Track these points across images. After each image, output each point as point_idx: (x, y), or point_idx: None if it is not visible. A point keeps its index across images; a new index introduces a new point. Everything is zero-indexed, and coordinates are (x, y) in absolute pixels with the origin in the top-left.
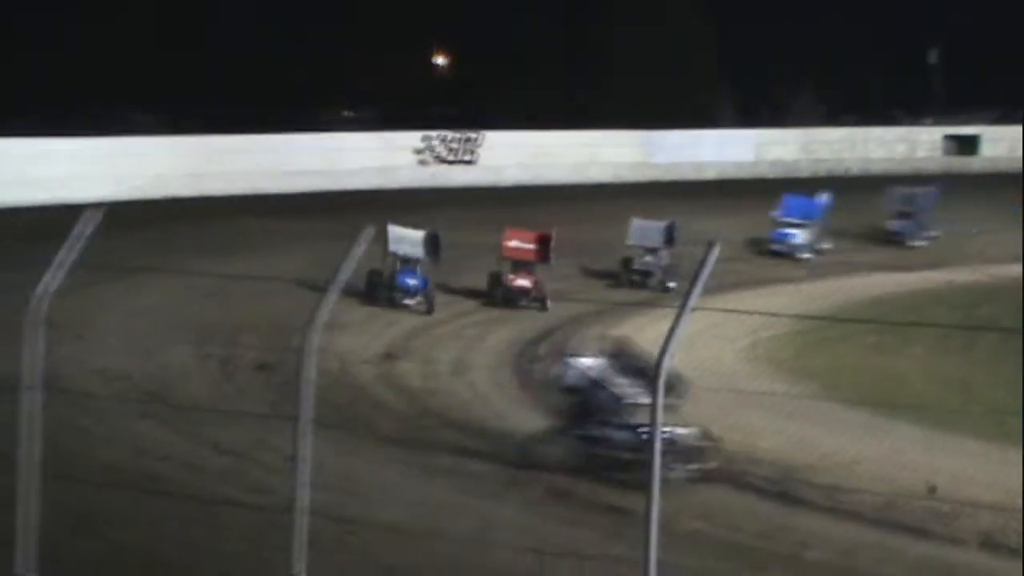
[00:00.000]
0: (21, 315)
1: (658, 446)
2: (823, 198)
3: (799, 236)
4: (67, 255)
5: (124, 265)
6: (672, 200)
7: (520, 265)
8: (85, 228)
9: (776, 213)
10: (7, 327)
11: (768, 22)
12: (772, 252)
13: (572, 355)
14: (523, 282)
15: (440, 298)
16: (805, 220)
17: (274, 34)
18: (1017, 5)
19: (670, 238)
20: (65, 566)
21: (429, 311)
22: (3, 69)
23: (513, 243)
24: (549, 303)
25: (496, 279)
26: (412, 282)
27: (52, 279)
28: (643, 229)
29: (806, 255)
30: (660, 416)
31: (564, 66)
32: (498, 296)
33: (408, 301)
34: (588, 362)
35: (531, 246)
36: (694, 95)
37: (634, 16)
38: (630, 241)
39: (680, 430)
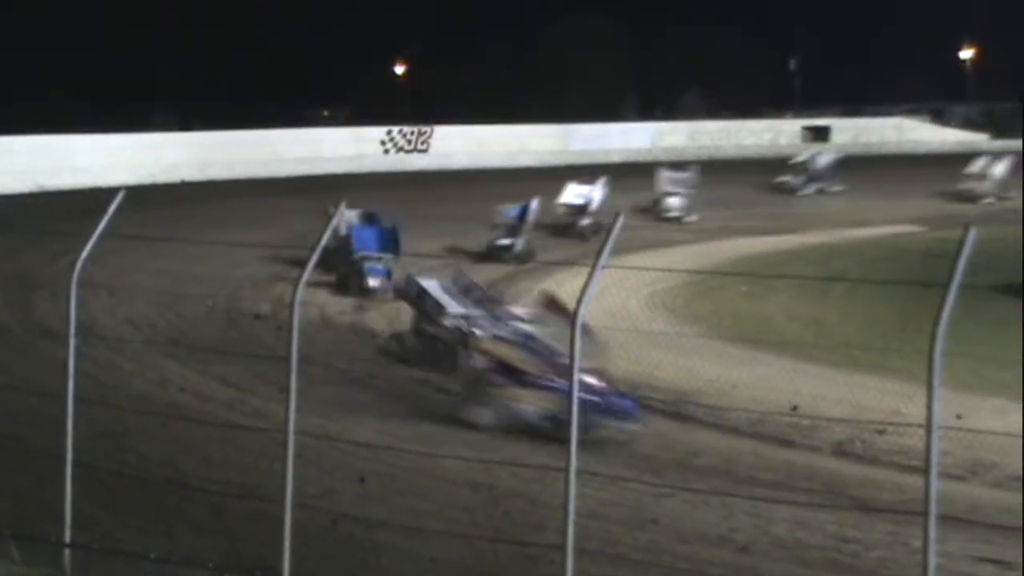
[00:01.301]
0: (66, 276)
1: (576, 380)
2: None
3: (676, 202)
4: (97, 228)
5: (145, 236)
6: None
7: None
8: (111, 206)
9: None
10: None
11: (662, 37)
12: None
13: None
14: None
15: None
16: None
17: (266, 48)
18: (857, 25)
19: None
20: (100, 474)
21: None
22: (45, 79)
23: None
24: None
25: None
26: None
27: (86, 248)
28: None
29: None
30: (578, 357)
31: (501, 73)
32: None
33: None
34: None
35: None
36: (603, 96)
37: (557, 34)
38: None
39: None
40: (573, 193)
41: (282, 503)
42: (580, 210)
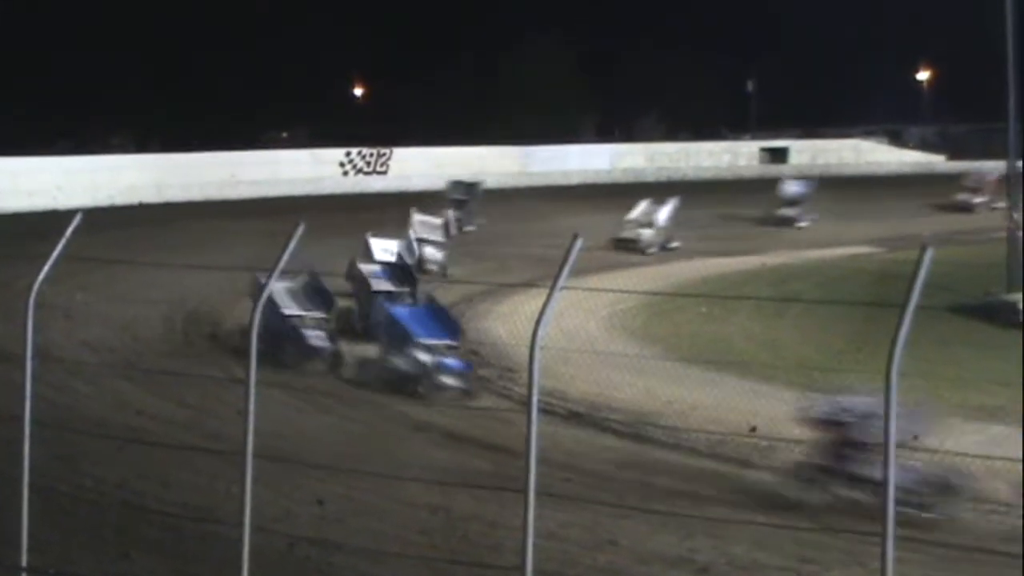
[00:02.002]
0: (21, 299)
1: (535, 405)
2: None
3: (646, 234)
4: (55, 251)
5: (102, 258)
6: (544, 201)
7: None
8: (69, 229)
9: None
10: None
11: (619, 59)
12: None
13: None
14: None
15: None
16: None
17: (223, 69)
18: (815, 47)
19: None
20: (57, 497)
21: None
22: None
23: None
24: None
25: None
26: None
27: (44, 270)
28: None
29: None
30: (536, 376)
31: (460, 95)
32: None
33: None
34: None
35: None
36: (562, 118)
37: (516, 56)
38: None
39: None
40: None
41: (240, 526)
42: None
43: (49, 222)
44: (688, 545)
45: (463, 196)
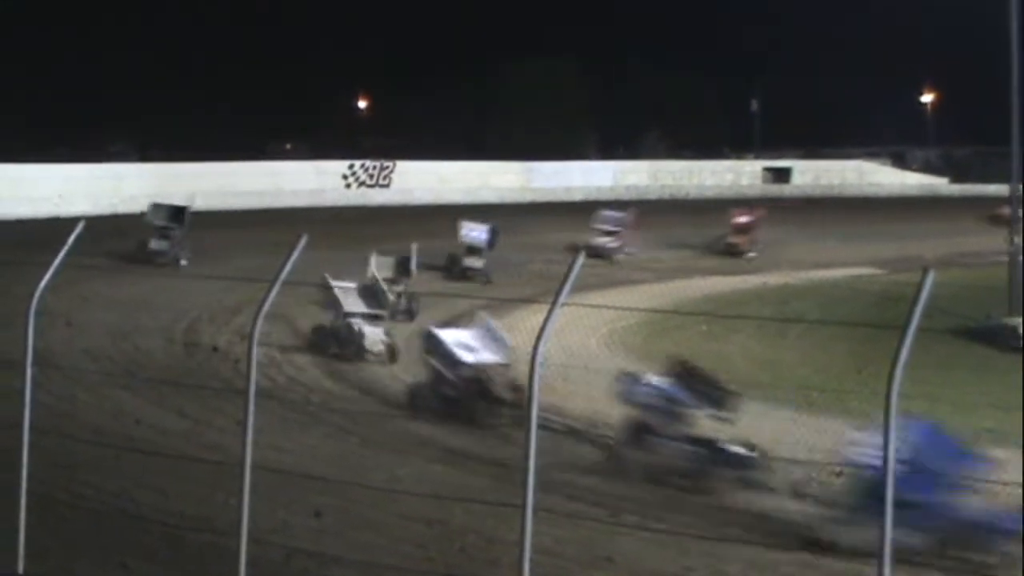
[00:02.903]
0: (22, 307)
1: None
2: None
3: (610, 241)
4: (56, 259)
5: (103, 267)
6: (546, 216)
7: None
8: (71, 237)
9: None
10: (13, 317)
11: (624, 77)
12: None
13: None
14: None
15: None
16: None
17: (228, 80)
18: (819, 68)
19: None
20: (55, 505)
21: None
22: (2, 108)
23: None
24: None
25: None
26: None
27: (45, 278)
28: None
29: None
30: (536, 392)
31: (462, 110)
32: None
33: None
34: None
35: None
36: (565, 134)
37: (520, 72)
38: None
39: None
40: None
41: (237, 537)
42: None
43: (51, 230)
44: (683, 563)
45: (167, 223)
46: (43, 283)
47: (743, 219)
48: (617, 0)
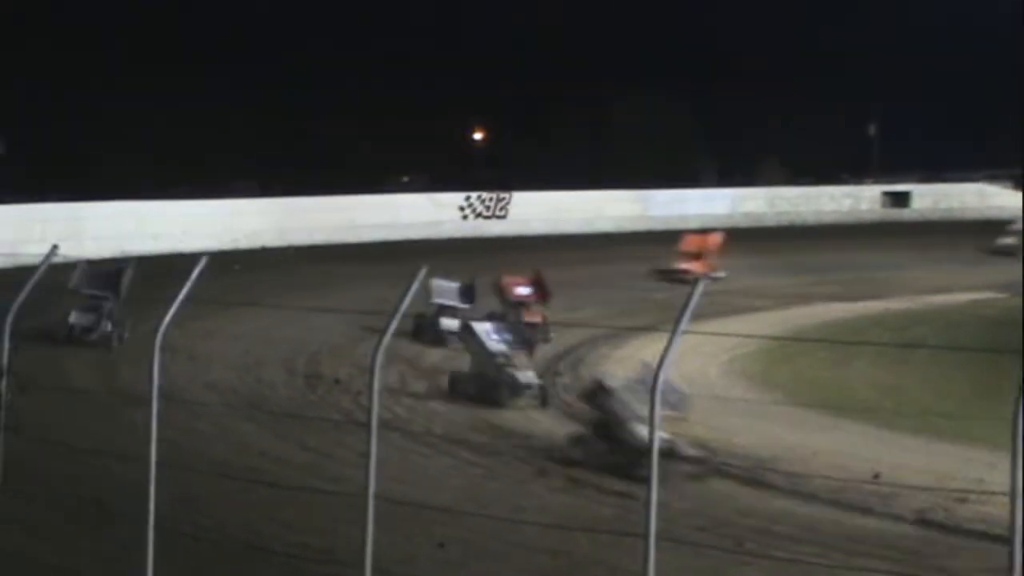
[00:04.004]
0: (148, 341)
1: (656, 449)
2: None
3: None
4: (180, 294)
5: (226, 300)
6: (664, 246)
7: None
8: (194, 272)
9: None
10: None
11: (740, 102)
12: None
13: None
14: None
15: None
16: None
17: (346, 114)
18: (940, 90)
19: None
20: (178, 538)
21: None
22: (128, 146)
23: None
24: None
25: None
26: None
27: (169, 313)
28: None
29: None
30: (657, 420)
31: (577, 139)
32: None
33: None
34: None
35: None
36: (682, 161)
37: (635, 99)
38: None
39: None
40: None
41: (361, 568)
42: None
43: (173, 265)
44: None
45: (97, 291)
46: (167, 319)
47: (694, 246)
48: (733, 28)
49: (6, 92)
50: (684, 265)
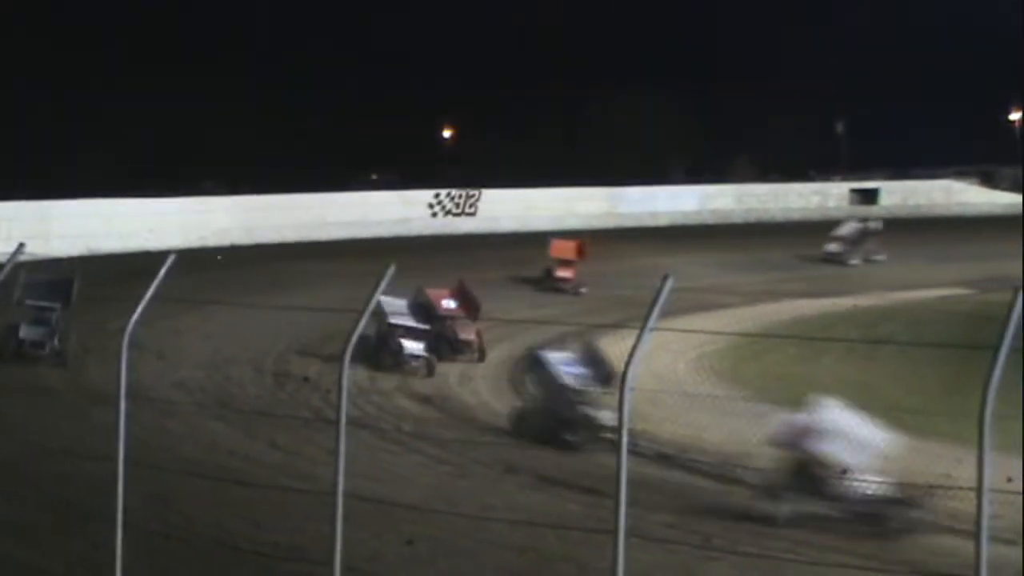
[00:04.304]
0: (116, 340)
1: (624, 446)
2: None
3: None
4: (148, 292)
5: (194, 299)
6: (633, 242)
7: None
8: (162, 270)
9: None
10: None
11: (709, 100)
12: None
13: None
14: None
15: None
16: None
17: (314, 111)
18: (905, 89)
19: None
20: (148, 536)
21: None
22: (95, 144)
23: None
24: None
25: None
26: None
27: (137, 311)
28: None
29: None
30: (627, 418)
31: (547, 137)
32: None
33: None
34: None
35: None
36: (651, 159)
37: (604, 97)
38: None
39: None
40: None
41: (330, 566)
42: None
43: (141, 263)
44: None
45: (45, 302)
46: (135, 316)
47: (564, 252)
48: (703, 26)
49: None
50: (562, 273)
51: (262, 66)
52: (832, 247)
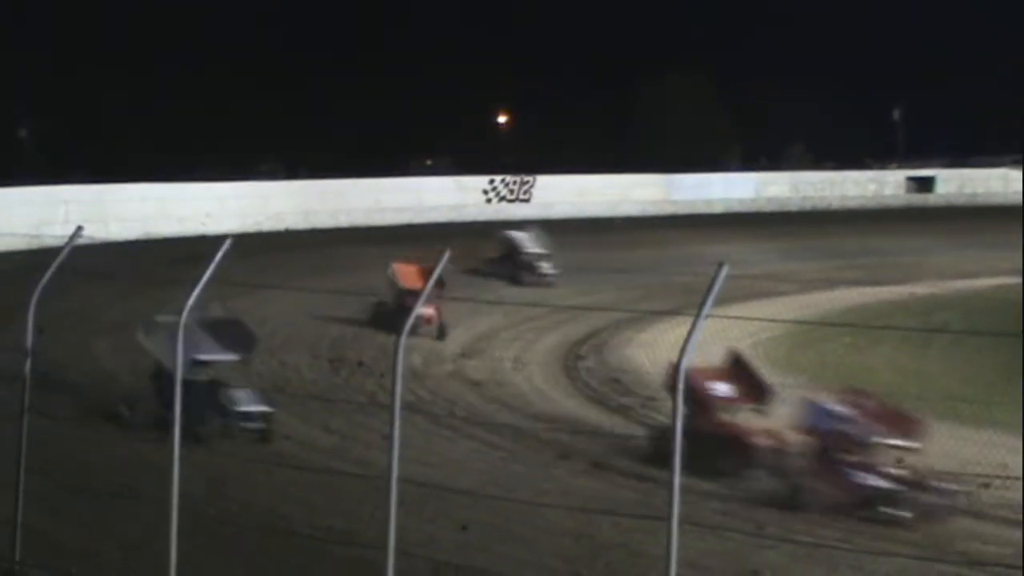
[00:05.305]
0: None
1: (679, 431)
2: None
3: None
4: (204, 275)
5: (251, 282)
6: (687, 230)
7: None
8: (218, 254)
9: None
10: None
11: (765, 87)
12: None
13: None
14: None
15: None
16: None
17: (370, 97)
18: (962, 77)
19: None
20: (204, 519)
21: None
22: (154, 129)
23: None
24: None
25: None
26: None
27: (193, 294)
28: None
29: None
30: (680, 404)
31: (602, 123)
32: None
33: None
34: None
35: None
36: (707, 145)
37: (659, 84)
38: None
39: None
40: None
41: (384, 550)
42: None
43: (198, 247)
44: None
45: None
46: (191, 300)
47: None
48: (759, 12)
49: (31, 76)
50: (425, 311)
51: (320, 50)
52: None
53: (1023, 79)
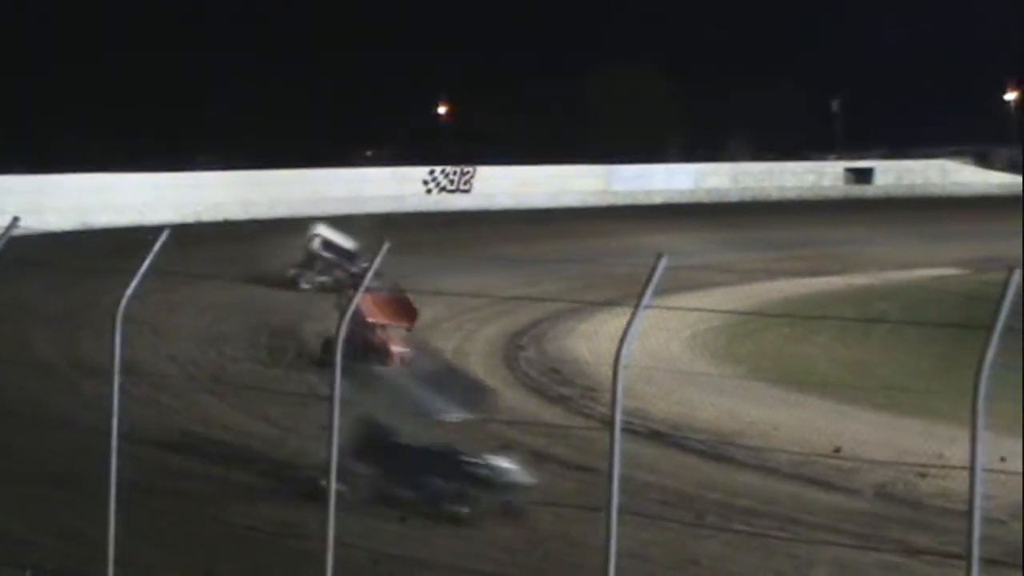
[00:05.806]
0: (110, 314)
1: (618, 420)
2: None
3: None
4: (142, 266)
5: (188, 273)
6: (627, 221)
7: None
8: (156, 245)
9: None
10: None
11: (705, 79)
12: None
13: None
14: None
15: None
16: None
17: (310, 88)
18: (901, 69)
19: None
20: (142, 510)
21: None
22: (91, 118)
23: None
24: None
25: None
26: None
27: (131, 286)
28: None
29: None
30: (620, 395)
31: (542, 114)
32: None
33: None
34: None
35: None
36: (646, 137)
37: (600, 75)
38: None
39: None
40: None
41: (324, 541)
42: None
43: (136, 238)
44: (770, 566)
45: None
46: (129, 291)
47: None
48: (697, 4)
49: None
50: (397, 349)
51: (258, 41)
52: (293, 271)
53: (960, 71)
